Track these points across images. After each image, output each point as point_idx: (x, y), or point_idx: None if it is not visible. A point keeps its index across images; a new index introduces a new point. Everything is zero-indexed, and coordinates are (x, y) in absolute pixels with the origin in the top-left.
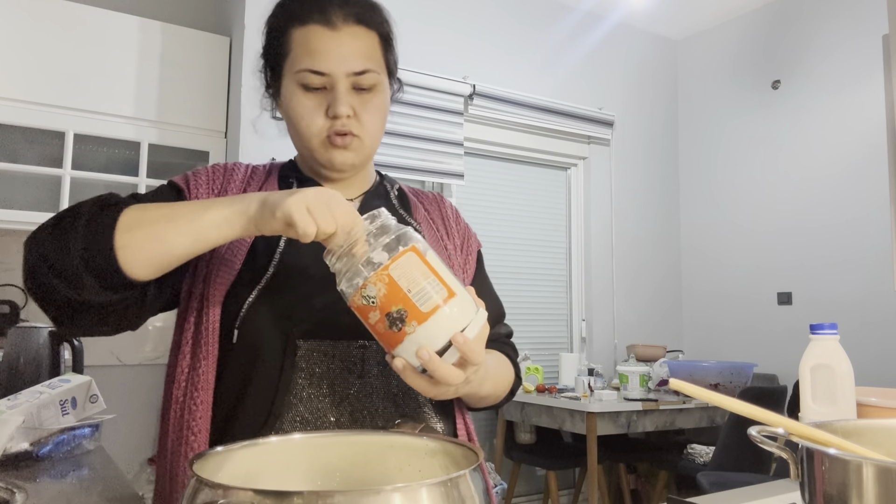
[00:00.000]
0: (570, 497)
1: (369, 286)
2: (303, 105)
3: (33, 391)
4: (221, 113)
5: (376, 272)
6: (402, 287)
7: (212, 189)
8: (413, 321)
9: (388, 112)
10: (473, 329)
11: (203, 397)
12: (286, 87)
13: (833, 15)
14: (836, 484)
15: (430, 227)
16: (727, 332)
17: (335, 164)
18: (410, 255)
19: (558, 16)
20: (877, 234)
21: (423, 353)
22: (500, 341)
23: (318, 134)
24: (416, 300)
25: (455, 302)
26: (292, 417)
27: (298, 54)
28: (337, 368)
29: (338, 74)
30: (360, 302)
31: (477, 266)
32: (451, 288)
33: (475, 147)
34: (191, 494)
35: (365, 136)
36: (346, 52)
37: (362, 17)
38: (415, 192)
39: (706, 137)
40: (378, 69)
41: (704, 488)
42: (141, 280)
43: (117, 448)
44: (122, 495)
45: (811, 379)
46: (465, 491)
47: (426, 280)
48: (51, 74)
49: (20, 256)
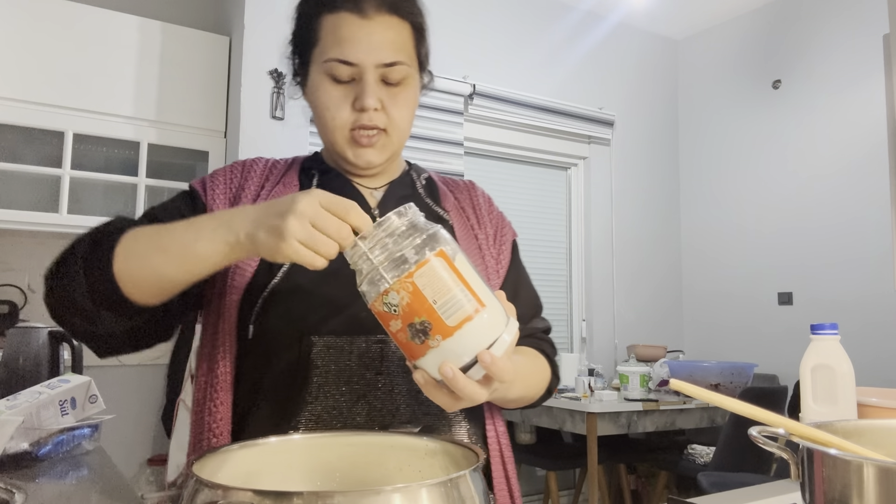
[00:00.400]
0: (570, 497)
1: (391, 293)
2: (329, 96)
3: (33, 391)
4: (221, 113)
5: (399, 279)
6: (427, 297)
7: (229, 188)
8: (437, 335)
9: (416, 106)
10: (502, 345)
11: (222, 398)
12: (313, 77)
13: (833, 15)
14: (837, 484)
15: (461, 215)
16: (728, 333)
17: (359, 163)
18: (438, 260)
19: (558, 15)
20: (877, 234)
21: (446, 369)
22: (536, 336)
23: (343, 127)
24: (441, 312)
25: (484, 315)
26: (308, 416)
27: (327, 43)
28: (354, 365)
29: (367, 65)
30: (381, 308)
31: (512, 256)
32: (480, 298)
33: (475, 147)
34: (191, 495)
35: (392, 130)
36: (376, 41)
37: (395, 6)
38: (445, 181)
39: (706, 137)
40: (409, 61)
41: (705, 489)
42: (153, 305)
43: (117, 448)
44: (122, 495)
45: (812, 379)
46: (465, 491)
47: (454, 289)
48: (50, 74)
49: (20, 256)
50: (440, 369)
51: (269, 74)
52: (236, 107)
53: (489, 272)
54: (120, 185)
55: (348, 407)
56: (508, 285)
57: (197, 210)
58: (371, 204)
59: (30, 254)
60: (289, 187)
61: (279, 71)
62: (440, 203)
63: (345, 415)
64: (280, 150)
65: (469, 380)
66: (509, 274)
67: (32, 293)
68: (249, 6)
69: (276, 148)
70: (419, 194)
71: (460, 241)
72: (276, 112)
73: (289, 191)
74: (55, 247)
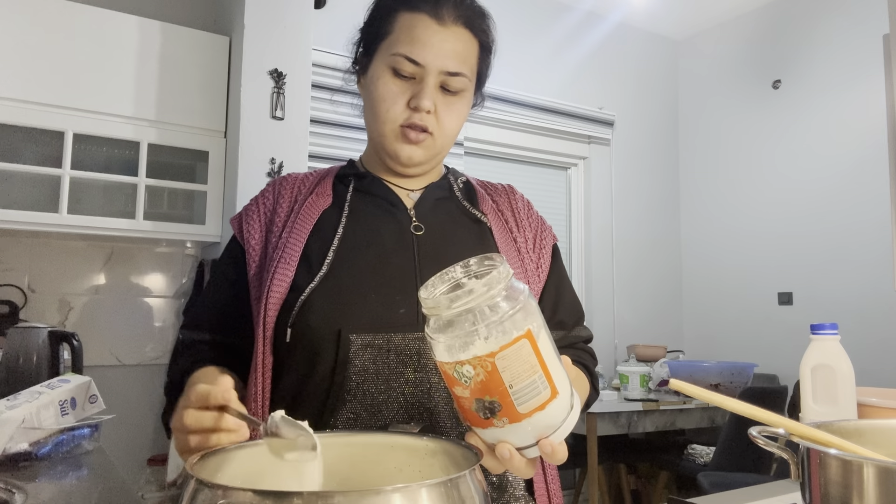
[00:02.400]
0: (570, 497)
1: (467, 366)
2: (388, 88)
3: (33, 391)
4: (221, 113)
5: (479, 357)
6: (503, 380)
7: (263, 213)
8: (505, 417)
9: (465, 119)
10: (563, 432)
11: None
12: (376, 67)
13: (833, 15)
14: (837, 484)
15: (499, 219)
16: (728, 332)
17: (401, 157)
18: (523, 343)
19: (558, 16)
20: (877, 234)
21: (503, 450)
22: (577, 346)
23: (394, 120)
24: (515, 398)
25: (555, 403)
26: (346, 415)
27: (399, 38)
28: (392, 363)
29: (431, 68)
30: (452, 373)
31: (552, 262)
32: (555, 386)
33: (475, 147)
34: (191, 495)
35: (439, 135)
36: (446, 49)
37: (470, 22)
38: (483, 184)
39: (706, 137)
40: (469, 75)
41: (705, 489)
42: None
43: (117, 448)
44: (122, 495)
45: (812, 379)
46: (465, 491)
47: (532, 376)
48: (50, 74)
49: (20, 256)
50: (497, 449)
51: (269, 74)
52: (236, 107)
53: (529, 277)
54: (120, 185)
55: (387, 405)
56: (550, 291)
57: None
58: (408, 205)
59: (30, 254)
60: (321, 196)
61: (279, 71)
62: (478, 206)
63: (383, 412)
64: (280, 150)
65: (523, 460)
66: (550, 279)
67: (32, 293)
68: (249, 6)
69: (276, 148)
70: (456, 197)
71: (499, 245)
72: (276, 112)
73: (321, 200)
74: (55, 247)
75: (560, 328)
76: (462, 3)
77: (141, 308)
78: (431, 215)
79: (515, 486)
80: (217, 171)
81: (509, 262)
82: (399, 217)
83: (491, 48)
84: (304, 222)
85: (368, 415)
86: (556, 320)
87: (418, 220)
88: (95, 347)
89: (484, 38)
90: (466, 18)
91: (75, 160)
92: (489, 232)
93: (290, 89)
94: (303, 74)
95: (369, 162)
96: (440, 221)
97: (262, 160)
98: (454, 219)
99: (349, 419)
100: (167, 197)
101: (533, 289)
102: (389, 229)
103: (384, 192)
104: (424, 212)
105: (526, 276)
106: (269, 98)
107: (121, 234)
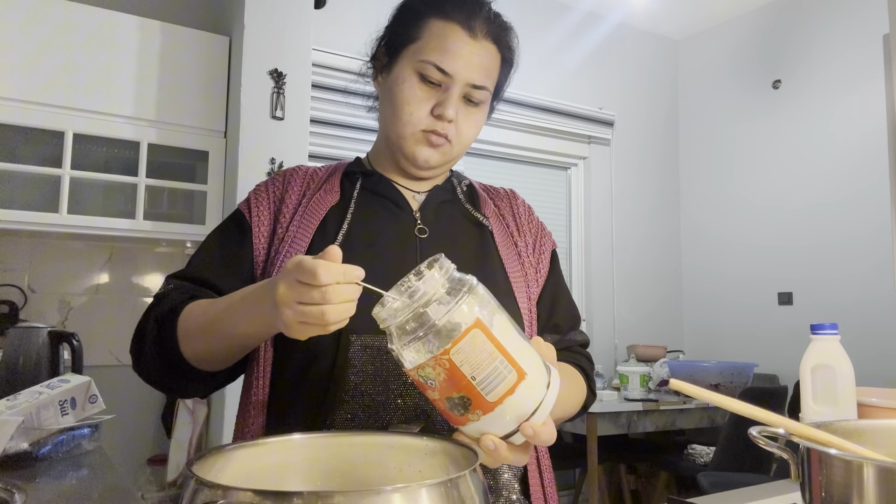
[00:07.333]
0: (570, 497)
1: (427, 368)
2: (413, 93)
3: (33, 391)
4: (221, 113)
5: (434, 356)
6: (465, 373)
7: (272, 201)
8: (478, 410)
9: (481, 130)
10: (545, 411)
11: (257, 400)
12: (401, 70)
13: (833, 15)
14: (837, 484)
15: (500, 222)
16: (728, 333)
17: (419, 159)
18: (475, 333)
19: (558, 16)
20: (877, 234)
21: (487, 442)
22: (573, 350)
23: (416, 125)
24: (481, 388)
25: (525, 385)
26: (343, 415)
27: (430, 45)
28: (391, 365)
29: (459, 80)
30: (417, 377)
31: (551, 267)
32: (521, 367)
33: (475, 147)
34: (191, 495)
35: (457, 143)
36: (475, 62)
37: (498, 37)
38: (485, 188)
39: (706, 137)
40: (491, 88)
41: (705, 489)
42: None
43: (117, 448)
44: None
45: (812, 379)
46: (465, 491)
47: (492, 363)
48: (50, 74)
49: (20, 256)
50: (482, 442)
51: (269, 74)
52: (236, 107)
53: (528, 281)
54: (120, 185)
55: (384, 406)
56: (547, 295)
57: (244, 233)
58: (413, 207)
59: (30, 254)
60: (329, 193)
61: (279, 71)
62: (480, 209)
63: (381, 414)
64: (280, 150)
65: (510, 448)
66: (548, 283)
67: (32, 293)
68: (249, 6)
69: (276, 148)
70: (459, 200)
71: (500, 248)
72: (276, 112)
73: (329, 196)
74: (55, 247)
75: (555, 332)
76: (494, 18)
77: (141, 308)
78: (435, 218)
79: (510, 490)
80: (217, 171)
81: (510, 266)
82: (404, 219)
83: (513, 63)
84: (311, 218)
85: (366, 416)
86: (552, 324)
87: (423, 222)
88: (95, 347)
89: (507, 54)
90: (494, 33)
91: (75, 160)
92: (490, 235)
93: (290, 89)
94: (303, 74)
95: (377, 160)
96: (444, 224)
97: (262, 160)
98: (457, 222)
99: (346, 420)
100: (167, 197)
101: (531, 292)
102: (393, 231)
103: (390, 192)
104: (429, 214)
105: (525, 280)
106: (269, 98)
107: (121, 234)
